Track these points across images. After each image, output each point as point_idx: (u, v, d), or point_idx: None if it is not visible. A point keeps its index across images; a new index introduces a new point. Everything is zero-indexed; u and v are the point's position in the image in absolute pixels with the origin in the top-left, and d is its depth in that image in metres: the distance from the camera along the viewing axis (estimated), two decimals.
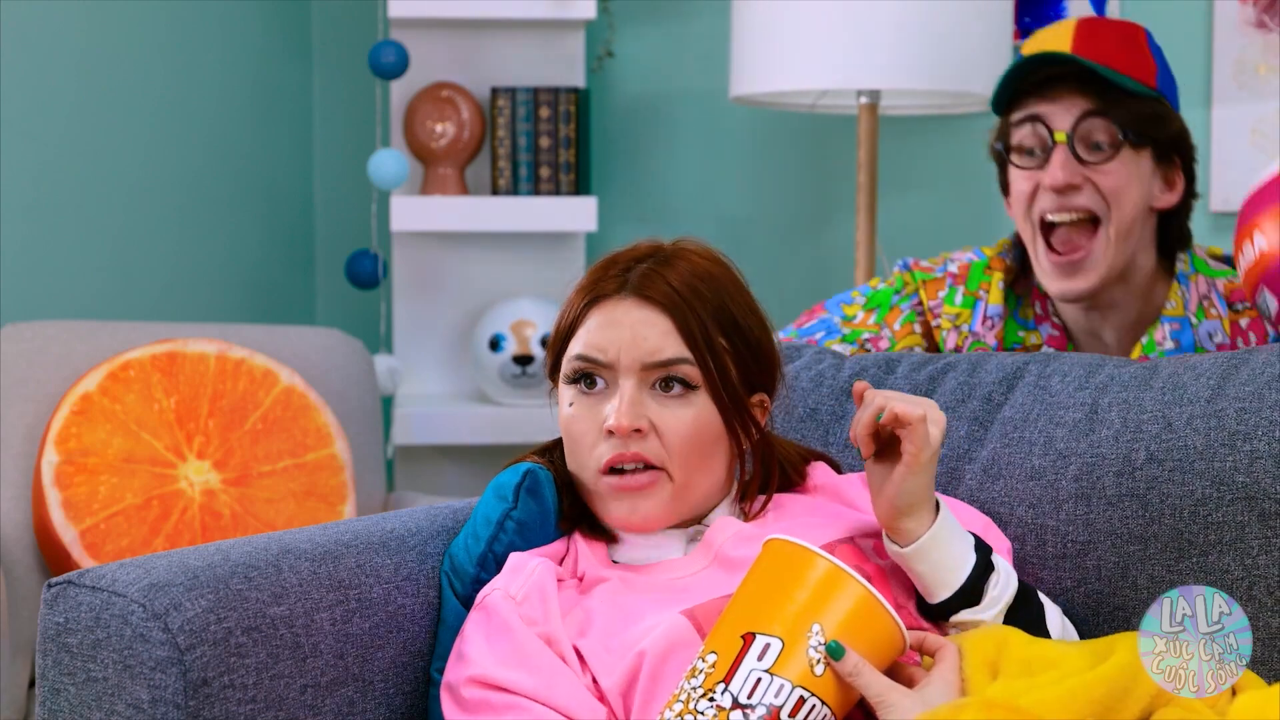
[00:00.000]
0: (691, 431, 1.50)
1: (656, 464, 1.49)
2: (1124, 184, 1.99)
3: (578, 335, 1.53)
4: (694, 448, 1.50)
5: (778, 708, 1.28)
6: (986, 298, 2.14)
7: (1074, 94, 2.00)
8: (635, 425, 1.48)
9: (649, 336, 1.50)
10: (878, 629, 1.31)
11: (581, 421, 1.52)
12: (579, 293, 1.56)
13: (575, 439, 1.53)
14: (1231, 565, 1.55)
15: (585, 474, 1.53)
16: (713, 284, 1.53)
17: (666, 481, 1.50)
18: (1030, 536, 1.64)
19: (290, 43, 3.44)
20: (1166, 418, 1.61)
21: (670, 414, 1.50)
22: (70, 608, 1.38)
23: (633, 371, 1.50)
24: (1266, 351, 1.63)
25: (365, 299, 3.36)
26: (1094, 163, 1.99)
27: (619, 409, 1.48)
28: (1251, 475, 1.55)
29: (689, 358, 1.50)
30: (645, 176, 3.45)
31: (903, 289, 2.20)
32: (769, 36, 2.78)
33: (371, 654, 1.51)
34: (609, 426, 1.48)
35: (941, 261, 2.20)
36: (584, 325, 1.53)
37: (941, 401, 1.76)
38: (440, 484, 3.30)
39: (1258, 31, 3.00)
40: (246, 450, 2.56)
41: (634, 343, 1.50)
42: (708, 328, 1.51)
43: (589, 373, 1.52)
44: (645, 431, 1.49)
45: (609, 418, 1.49)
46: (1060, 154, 1.99)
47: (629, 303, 1.52)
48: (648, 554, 1.55)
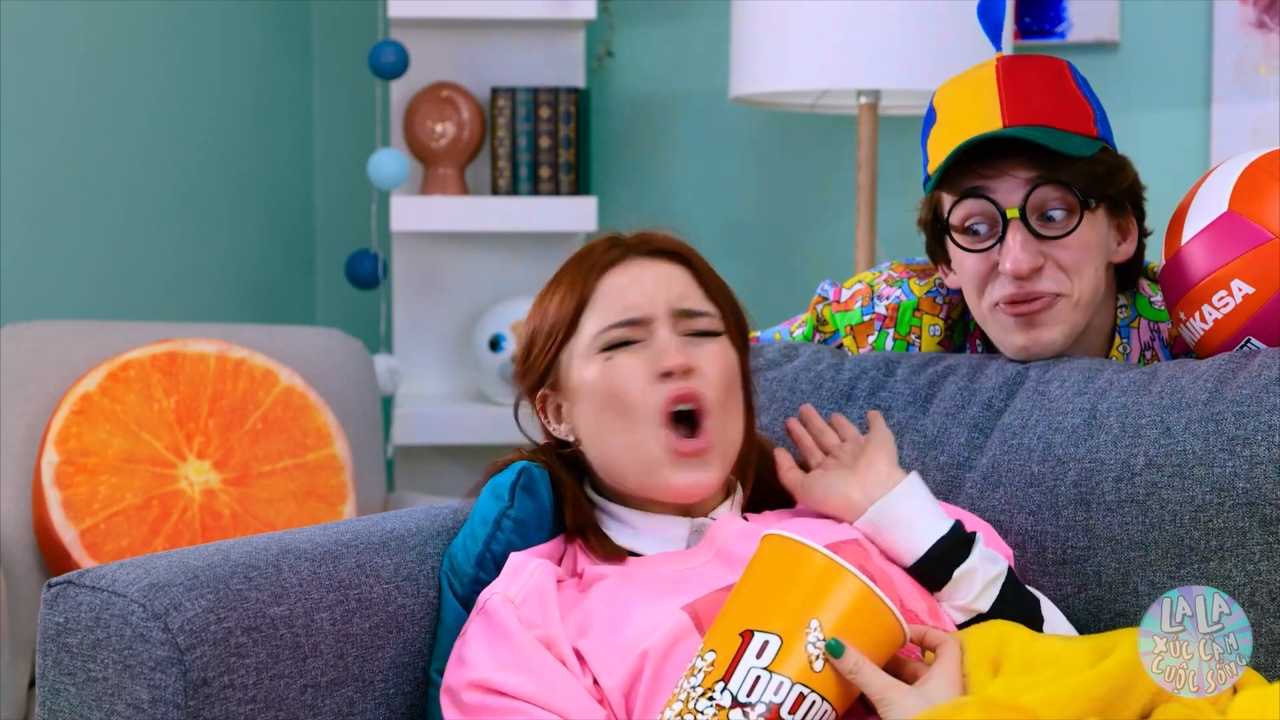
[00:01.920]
0: (726, 366, 1.53)
1: (707, 402, 1.50)
2: (1085, 255, 1.77)
3: (593, 311, 1.53)
4: (729, 386, 1.54)
5: (777, 705, 1.27)
6: (919, 343, 1.94)
7: (1017, 163, 1.75)
8: (690, 362, 1.50)
9: (674, 284, 1.54)
10: (876, 624, 1.30)
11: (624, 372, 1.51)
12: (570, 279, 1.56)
13: (620, 393, 1.51)
14: (1233, 571, 1.55)
15: (639, 433, 1.51)
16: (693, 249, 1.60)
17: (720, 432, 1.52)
18: (1030, 543, 1.64)
19: (290, 43, 3.44)
20: (1165, 422, 1.61)
21: (705, 353, 1.53)
22: (70, 608, 1.38)
23: (666, 319, 1.52)
24: (1264, 355, 1.62)
25: (365, 299, 3.36)
26: (1052, 236, 1.75)
27: (668, 350, 1.50)
28: (1252, 481, 1.55)
29: (710, 309, 1.55)
30: (645, 176, 3.45)
31: (815, 332, 2.01)
32: (769, 36, 2.78)
33: (371, 654, 1.51)
34: (666, 367, 1.49)
35: (867, 297, 1.97)
36: (596, 299, 1.54)
37: (941, 407, 1.75)
38: (440, 484, 3.30)
39: (1258, 31, 3.00)
40: (246, 450, 2.56)
41: (662, 291, 1.53)
42: (723, 287, 1.57)
43: (625, 340, 1.52)
44: (693, 369, 1.51)
45: (661, 360, 1.50)
46: (1017, 234, 1.74)
47: (641, 261, 1.55)
48: (651, 541, 1.55)
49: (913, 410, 1.76)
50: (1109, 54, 3.13)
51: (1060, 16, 3.13)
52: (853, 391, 1.80)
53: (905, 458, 1.73)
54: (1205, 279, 1.70)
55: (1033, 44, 3.15)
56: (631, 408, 1.51)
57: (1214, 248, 1.70)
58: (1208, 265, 1.71)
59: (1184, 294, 1.73)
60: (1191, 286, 1.72)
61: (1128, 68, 3.11)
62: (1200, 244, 1.72)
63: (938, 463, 1.72)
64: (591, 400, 1.54)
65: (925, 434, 1.74)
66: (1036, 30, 3.14)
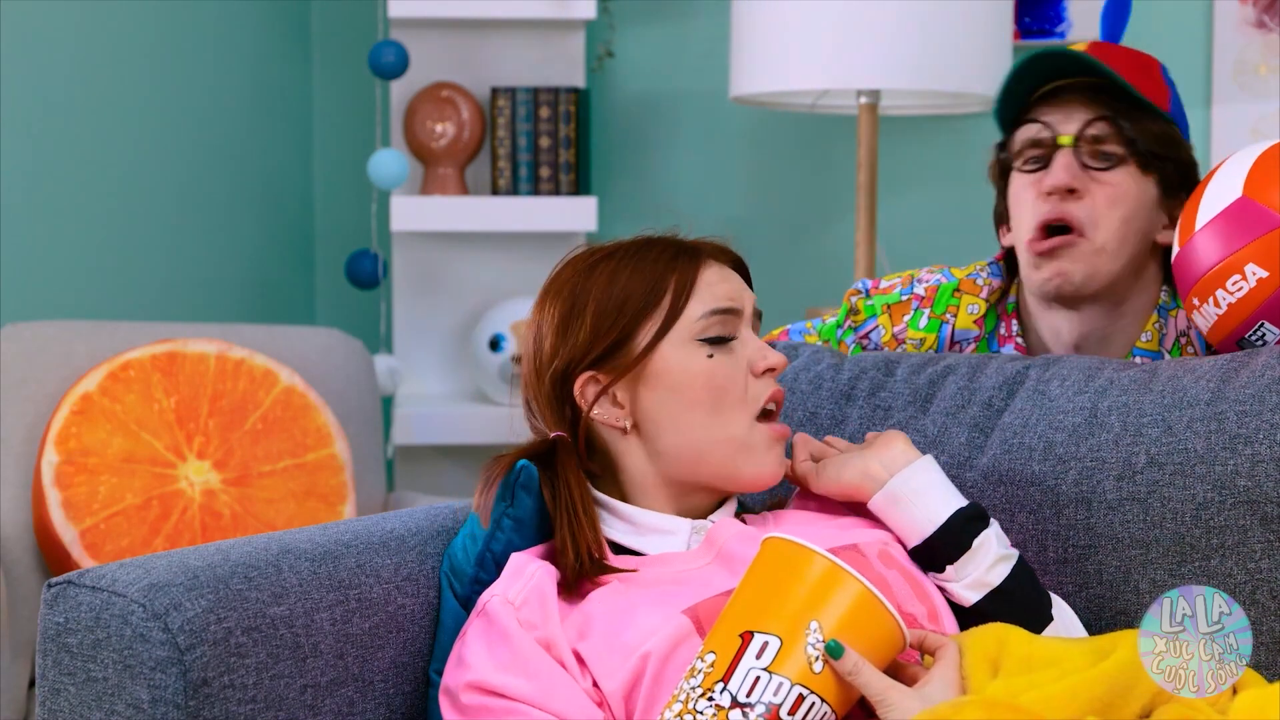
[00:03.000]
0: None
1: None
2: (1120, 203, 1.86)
3: (699, 296, 1.53)
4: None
5: (777, 706, 1.27)
6: (954, 321, 2.01)
7: (1083, 103, 1.87)
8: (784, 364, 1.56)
9: (747, 290, 1.59)
10: (877, 627, 1.30)
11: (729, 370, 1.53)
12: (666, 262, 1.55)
13: (724, 389, 1.52)
14: (1234, 569, 1.55)
15: (736, 425, 1.53)
16: None
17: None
18: (1031, 542, 1.64)
19: (290, 43, 3.44)
20: (1166, 421, 1.61)
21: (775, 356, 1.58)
22: (70, 608, 1.38)
23: (749, 319, 1.57)
24: (1266, 354, 1.62)
25: (365, 299, 3.36)
26: (1096, 168, 1.86)
27: (767, 350, 1.55)
28: (1253, 479, 1.55)
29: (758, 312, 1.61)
30: (645, 176, 3.45)
31: (846, 319, 2.06)
32: (769, 36, 2.78)
33: (371, 654, 1.51)
34: (770, 364, 1.54)
35: (907, 281, 2.05)
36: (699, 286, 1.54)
37: (941, 406, 1.75)
38: (440, 484, 3.30)
39: (1258, 31, 3.00)
40: (246, 450, 2.56)
41: (744, 291, 1.58)
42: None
43: (724, 331, 1.54)
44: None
45: (762, 358, 1.54)
46: (1064, 156, 1.86)
47: (718, 264, 1.58)
48: (652, 541, 1.55)
49: (913, 410, 1.76)
50: None
51: (1060, 16, 3.13)
52: (852, 391, 1.80)
53: None
54: (1219, 264, 1.71)
55: (1033, 44, 3.15)
56: (732, 403, 1.53)
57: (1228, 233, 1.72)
58: (1221, 251, 1.72)
59: (1198, 280, 1.74)
60: (1205, 272, 1.73)
61: None
62: (1214, 230, 1.73)
63: (938, 462, 1.72)
64: (685, 390, 1.52)
65: (925, 434, 1.74)
66: (1036, 30, 3.14)
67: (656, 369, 1.52)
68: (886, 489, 1.54)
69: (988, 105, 2.93)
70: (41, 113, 2.91)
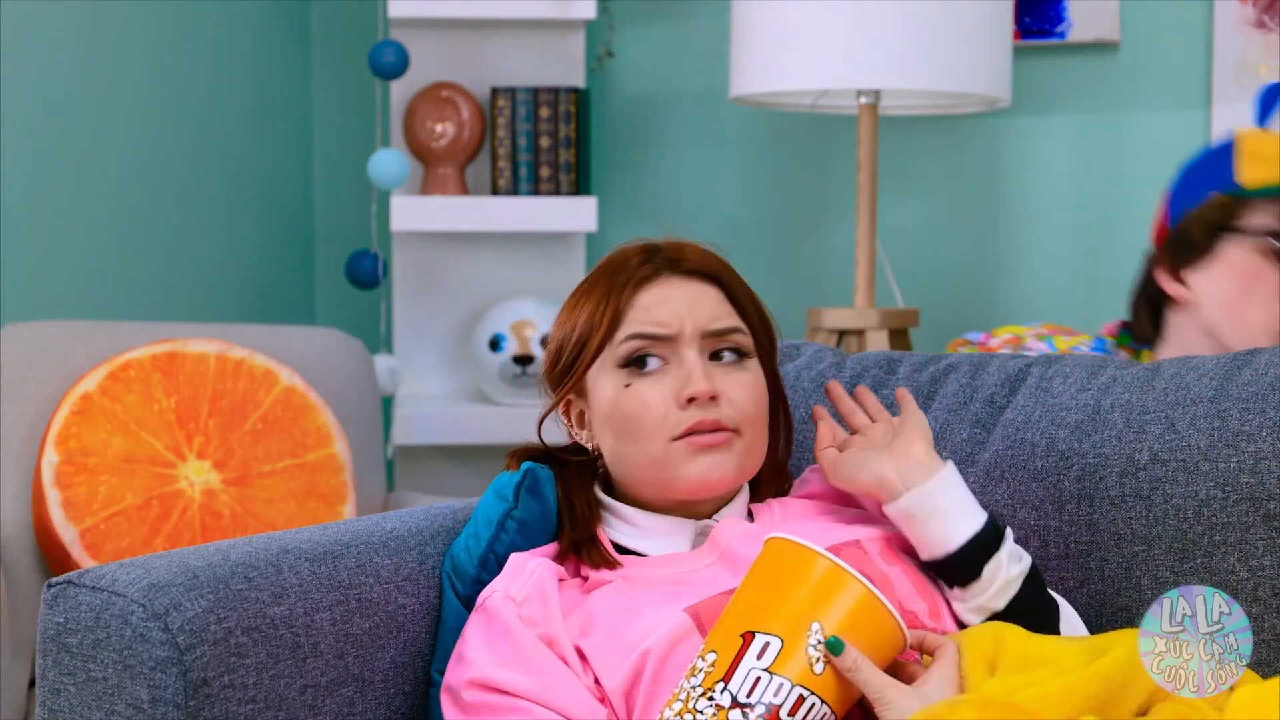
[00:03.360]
0: (755, 395, 1.52)
1: (732, 427, 1.49)
2: None
3: (623, 321, 1.52)
4: (759, 410, 1.53)
5: (777, 706, 1.27)
6: None
7: None
8: (714, 390, 1.48)
9: (705, 305, 1.52)
10: (877, 627, 1.30)
11: (642, 400, 1.50)
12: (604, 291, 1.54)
13: (635, 419, 1.50)
14: (1236, 566, 1.55)
15: (652, 447, 1.50)
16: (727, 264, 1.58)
17: (739, 441, 1.51)
18: (1033, 538, 1.64)
19: (290, 43, 3.44)
20: (1170, 418, 1.61)
21: (734, 380, 1.51)
22: (70, 608, 1.38)
23: (694, 341, 1.51)
24: (1270, 352, 1.63)
25: (365, 299, 3.36)
26: None
27: (694, 377, 1.48)
28: (1256, 476, 1.55)
29: (742, 326, 1.53)
30: (645, 176, 3.45)
31: None
32: (769, 36, 2.78)
33: (371, 654, 1.51)
34: (690, 393, 1.47)
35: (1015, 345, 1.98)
36: (630, 308, 1.52)
37: (943, 404, 1.76)
38: (440, 484, 3.30)
39: (1258, 31, 3.00)
40: (246, 450, 2.56)
41: (692, 312, 1.51)
42: (754, 300, 1.56)
43: (645, 353, 1.51)
44: (719, 397, 1.49)
45: (687, 386, 1.48)
46: None
47: (675, 279, 1.53)
48: (655, 544, 1.55)
49: None
50: (1109, 54, 3.13)
51: (1060, 16, 3.13)
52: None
53: None
54: None
55: (1033, 44, 3.15)
56: (645, 432, 1.50)
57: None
58: None
59: None
60: None
61: (1128, 68, 3.11)
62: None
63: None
64: (606, 417, 1.53)
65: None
66: (1037, 30, 3.14)
67: (592, 395, 1.55)
68: (901, 504, 1.51)
69: (988, 105, 2.93)
70: (41, 113, 2.91)
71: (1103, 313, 3.16)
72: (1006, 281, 3.23)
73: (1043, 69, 3.16)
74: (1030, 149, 3.19)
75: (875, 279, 2.98)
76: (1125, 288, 3.15)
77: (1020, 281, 3.22)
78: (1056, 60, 3.16)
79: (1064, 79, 3.16)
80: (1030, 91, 3.14)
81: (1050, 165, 3.19)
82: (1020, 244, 3.22)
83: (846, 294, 3.23)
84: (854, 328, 2.87)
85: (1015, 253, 3.22)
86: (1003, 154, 3.22)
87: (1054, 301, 3.19)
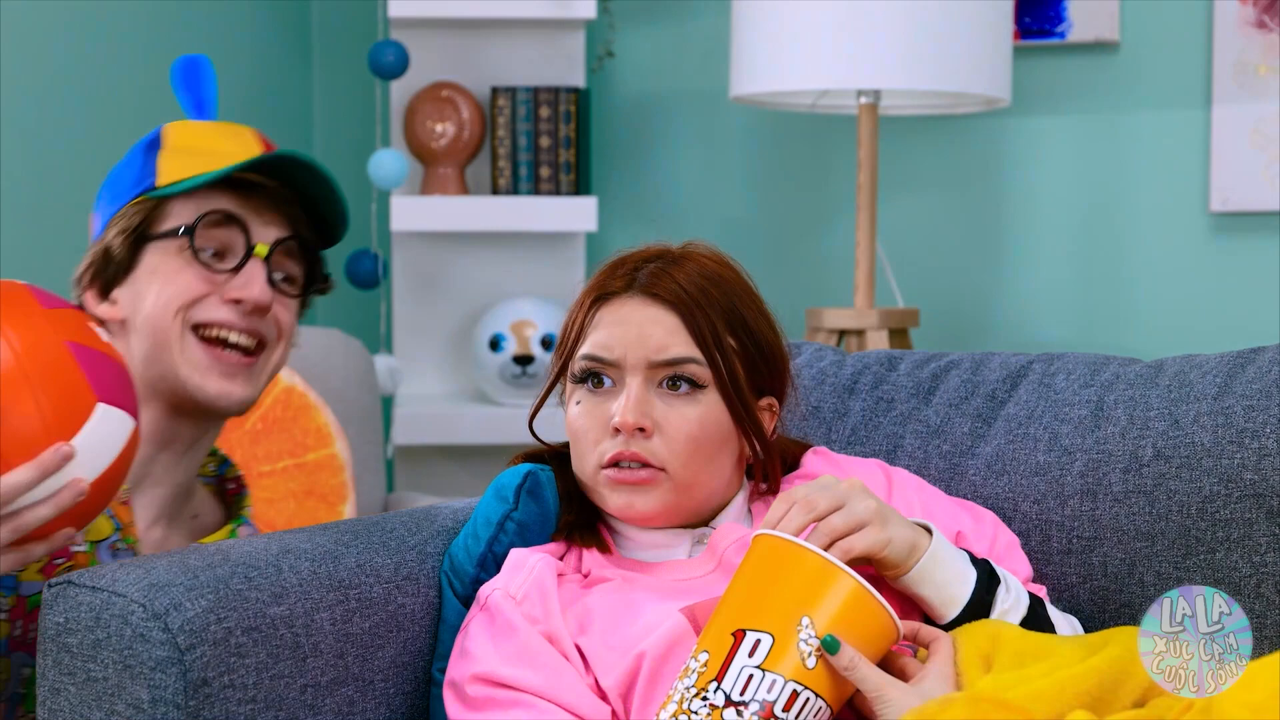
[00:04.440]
0: (697, 431, 1.49)
1: (656, 464, 1.48)
2: None
3: (586, 335, 1.52)
4: (698, 447, 1.49)
5: (771, 703, 1.27)
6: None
7: None
8: (640, 423, 1.47)
9: (655, 334, 1.49)
10: (869, 620, 1.30)
11: (586, 419, 1.51)
12: (586, 294, 1.55)
13: (579, 436, 1.52)
14: (1239, 563, 1.55)
15: (586, 470, 1.52)
16: (722, 285, 1.53)
17: (666, 479, 1.49)
18: (1035, 531, 1.64)
19: (290, 43, 3.44)
20: (1173, 415, 1.61)
21: (676, 413, 1.49)
22: (70, 608, 1.38)
23: (639, 370, 1.49)
24: (1274, 349, 1.63)
25: (365, 299, 3.36)
26: None
27: (625, 406, 1.48)
28: (1259, 472, 1.55)
29: (697, 357, 1.49)
30: (645, 176, 3.45)
31: None
32: (769, 36, 2.78)
33: (371, 654, 1.51)
34: (616, 424, 1.48)
35: None
36: (592, 325, 1.52)
37: (944, 399, 1.76)
38: (440, 484, 3.30)
39: (1258, 31, 3.00)
40: (246, 450, 2.56)
41: (640, 340, 1.49)
42: (716, 327, 1.50)
43: (596, 372, 1.51)
44: (649, 431, 1.48)
45: (615, 415, 1.48)
46: None
47: (636, 301, 1.51)
48: (653, 553, 1.55)
49: (915, 402, 1.77)
50: (1109, 54, 3.13)
51: (1060, 16, 3.13)
52: (855, 386, 1.81)
53: (907, 448, 1.74)
54: None
55: (1033, 44, 3.15)
56: (583, 451, 1.52)
57: None
58: None
59: None
60: None
61: (1128, 68, 3.11)
62: None
63: (940, 451, 1.72)
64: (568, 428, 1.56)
65: (928, 423, 1.74)
66: (1037, 30, 3.14)
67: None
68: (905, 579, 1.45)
69: (988, 105, 2.93)
70: (41, 113, 2.91)
71: (1102, 312, 3.16)
72: (1006, 281, 3.23)
73: (1043, 69, 3.16)
74: (1030, 149, 3.19)
75: (875, 279, 2.98)
76: (1125, 287, 3.16)
77: (1020, 281, 3.22)
78: (1056, 60, 3.16)
79: (1064, 79, 3.16)
80: (1030, 91, 3.14)
81: (1050, 165, 3.19)
82: (1020, 244, 3.22)
83: (846, 294, 3.23)
84: (854, 328, 2.87)
85: (1015, 252, 3.22)
86: (1003, 154, 3.22)
87: (1053, 301, 3.19)
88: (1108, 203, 3.14)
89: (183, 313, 1.62)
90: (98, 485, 1.42)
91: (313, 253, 1.73)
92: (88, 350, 1.43)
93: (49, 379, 1.39)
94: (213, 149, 1.68)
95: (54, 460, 1.37)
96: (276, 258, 1.67)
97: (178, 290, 1.62)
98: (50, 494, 1.39)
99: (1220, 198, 3.02)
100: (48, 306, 1.45)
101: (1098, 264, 3.16)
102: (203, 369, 1.62)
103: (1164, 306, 3.10)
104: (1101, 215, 3.15)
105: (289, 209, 1.69)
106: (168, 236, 1.64)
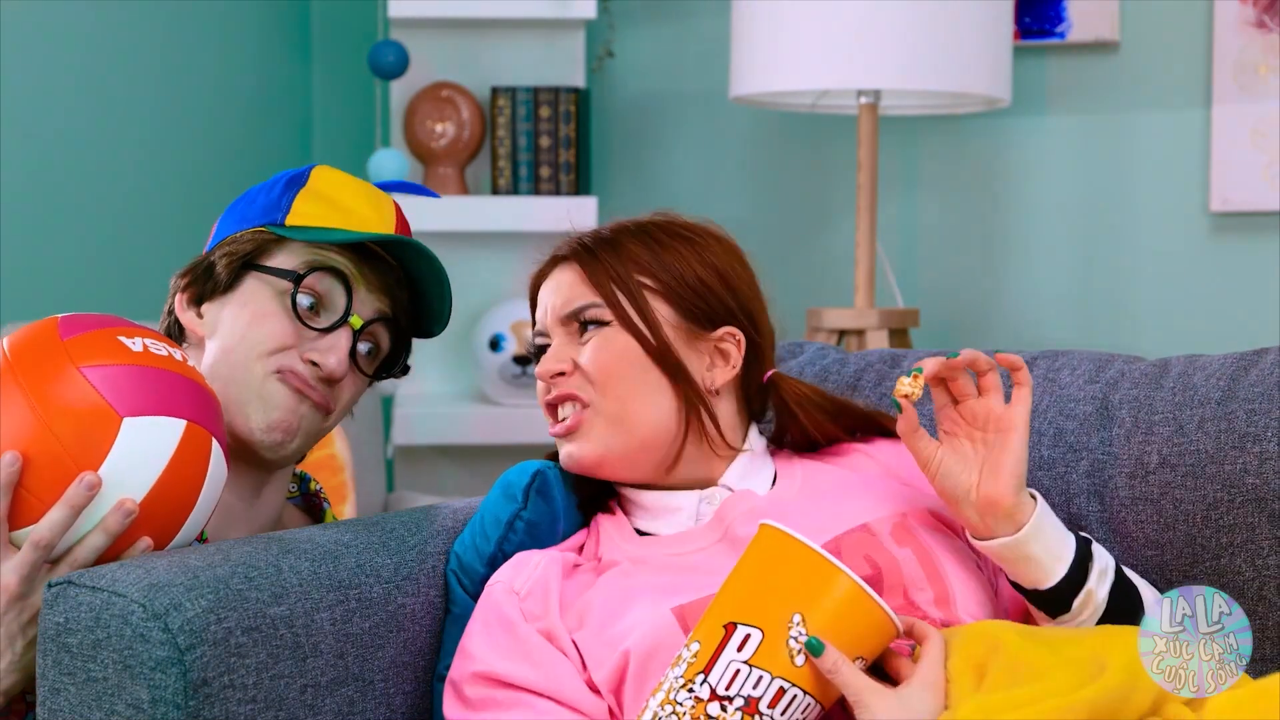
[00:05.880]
0: (606, 360, 1.55)
1: (582, 398, 1.55)
2: None
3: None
4: (615, 376, 1.55)
5: (756, 699, 1.27)
6: None
7: None
8: (558, 368, 1.56)
9: (560, 291, 1.60)
10: (864, 621, 1.30)
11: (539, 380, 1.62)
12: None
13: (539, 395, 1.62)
14: (1242, 566, 1.55)
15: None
16: (644, 232, 1.67)
17: (594, 415, 1.55)
18: None
19: (290, 42, 3.44)
20: (1178, 420, 1.61)
21: (587, 350, 1.56)
22: (70, 608, 1.38)
23: (556, 327, 1.59)
24: (1276, 351, 1.63)
25: None
26: None
27: (544, 360, 1.58)
28: (1261, 477, 1.55)
29: (595, 300, 1.58)
30: (645, 176, 3.45)
31: None
32: (769, 36, 2.78)
33: (371, 654, 1.51)
34: (537, 374, 1.58)
35: None
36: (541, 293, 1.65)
37: None
38: (440, 484, 3.30)
39: (1258, 31, 3.00)
40: None
41: (550, 302, 1.61)
42: (617, 269, 1.59)
43: (541, 346, 1.62)
44: (570, 372, 1.56)
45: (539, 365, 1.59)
46: None
47: (554, 270, 1.64)
48: (662, 521, 1.56)
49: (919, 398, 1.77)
50: (1109, 54, 3.13)
51: (1060, 16, 3.13)
52: (858, 384, 1.81)
53: None
54: None
55: (1033, 44, 3.15)
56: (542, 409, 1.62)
57: None
58: None
59: None
60: None
61: (1128, 68, 3.11)
62: None
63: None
64: None
65: (930, 419, 1.74)
66: (1037, 30, 3.14)
67: None
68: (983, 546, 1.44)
69: (988, 105, 2.93)
70: (41, 113, 2.91)
71: (1102, 312, 3.16)
72: (1006, 281, 3.23)
73: (1043, 69, 3.16)
74: (1030, 149, 3.19)
75: (875, 279, 2.97)
76: (1124, 287, 3.15)
77: (1020, 281, 3.22)
78: (1056, 60, 3.16)
79: (1064, 79, 3.16)
80: (1030, 91, 3.14)
81: (1050, 165, 3.18)
82: (1020, 244, 3.22)
83: (846, 294, 3.23)
84: (854, 328, 2.87)
85: (1015, 252, 3.22)
86: (1003, 154, 3.22)
87: (1053, 301, 3.19)
88: (1108, 203, 3.14)
89: (263, 359, 1.60)
90: (156, 494, 1.43)
91: (405, 337, 1.72)
92: (106, 369, 1.44)
93: (67, 416, 1.41)
94: (350, 208, 1.68)
95: (81, 493, 1.39)
96: (369, 329, 1.65)
97: (264, 335, 1.61)
98: (97, 522, 1.40)
99: (1220, 198, 3.02)
100: (68, 337, 1.47)
101: (1097, 264, 3.16)
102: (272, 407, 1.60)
103: (1163, 307, 3.10)
104: (1101, 215, 3.15)
105: (397, 291, 1.69)
106: (273, 274, 1.64)
